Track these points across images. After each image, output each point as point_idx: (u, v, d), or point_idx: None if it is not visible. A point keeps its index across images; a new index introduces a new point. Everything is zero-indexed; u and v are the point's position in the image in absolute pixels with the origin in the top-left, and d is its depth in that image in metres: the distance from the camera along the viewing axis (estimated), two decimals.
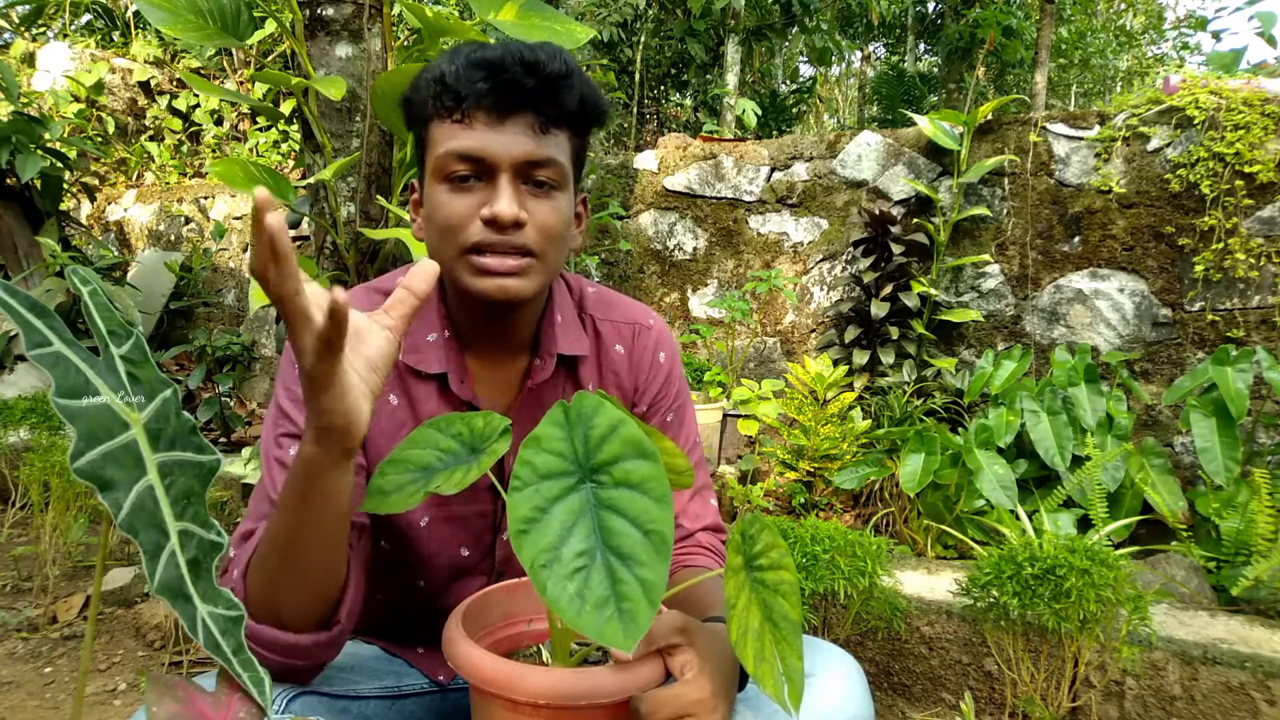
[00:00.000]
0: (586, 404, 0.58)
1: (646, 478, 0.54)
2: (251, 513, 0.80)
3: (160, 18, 1.58)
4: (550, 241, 0.80)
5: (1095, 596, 1.26)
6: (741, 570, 0.61)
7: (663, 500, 0.53)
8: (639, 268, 3.48)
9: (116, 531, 0.52)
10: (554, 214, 0.79)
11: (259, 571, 0.70)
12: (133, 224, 5.05)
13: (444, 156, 0.77)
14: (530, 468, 0.55)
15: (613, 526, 0.53)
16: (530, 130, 0.77)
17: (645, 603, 0.50)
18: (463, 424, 0.66)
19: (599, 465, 0.55)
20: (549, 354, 0.90)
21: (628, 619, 0.49)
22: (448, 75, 0.77)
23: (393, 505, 0.62)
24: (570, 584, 0.50)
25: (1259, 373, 2.13)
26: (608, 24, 5.41)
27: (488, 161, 0.76)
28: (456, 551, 0.91)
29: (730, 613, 0.58)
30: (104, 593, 2.07)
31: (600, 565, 0.51)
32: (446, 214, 0.78)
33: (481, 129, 0.76)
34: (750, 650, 0.57)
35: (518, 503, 0.53)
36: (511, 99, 0.76)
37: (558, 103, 0.78)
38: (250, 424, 3.41)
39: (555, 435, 0.57)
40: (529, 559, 0.51)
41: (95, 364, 0.56)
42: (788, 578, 0.63)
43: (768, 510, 2.31)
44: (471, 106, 0.76)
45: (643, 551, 0.51)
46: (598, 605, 0.49)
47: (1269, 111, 2.35)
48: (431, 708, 0.90)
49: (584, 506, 0.54)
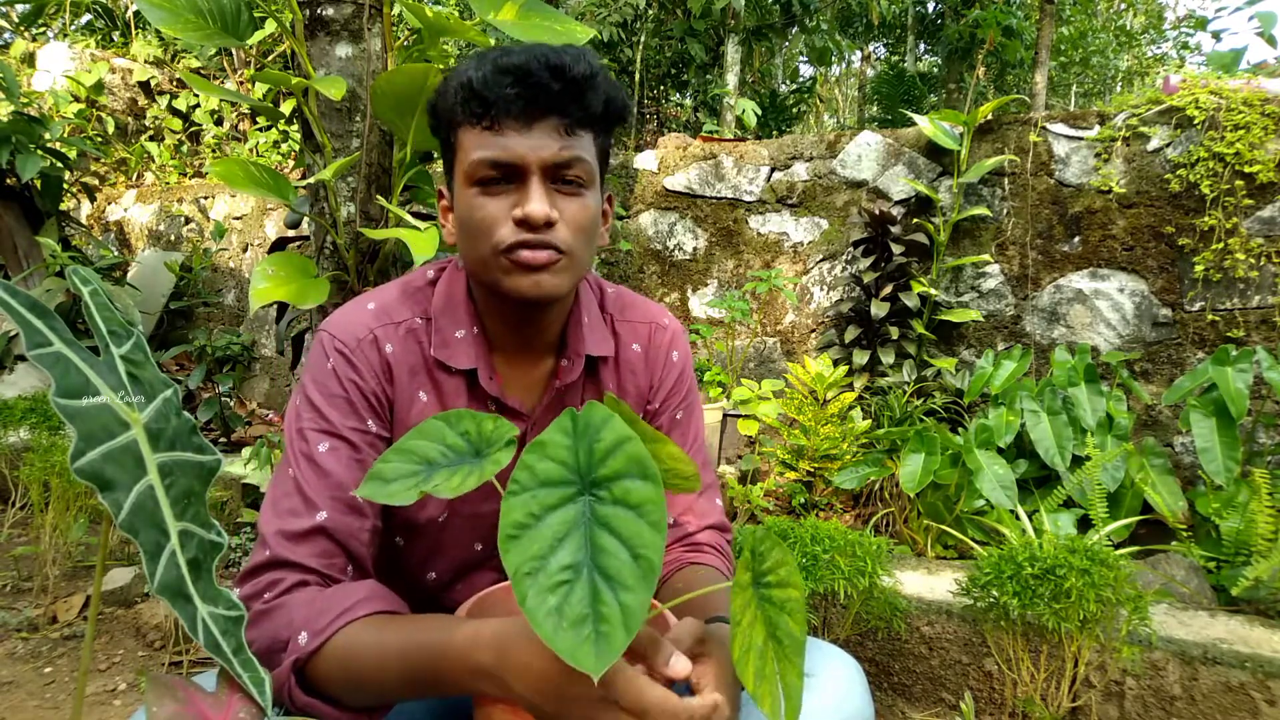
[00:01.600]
0: (596, 415, 0.57)
1: (645, 500, 0.53)
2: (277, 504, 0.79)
3: (160, 18, 1.58)
4: (580, 239, 0.81)
5: (1095, 596, 1.26)
6: (749, 587, 0.60)
7: (657, 525, 0.52)
8: (639, 268, 3.48)
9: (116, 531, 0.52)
10: (583, 211, 0.81)
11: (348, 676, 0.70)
12: (133, 224, 5.05)
13: (474, 163, 0.79)
14: (530, 473, 0.54)
15: (604, 545, 0.52)
16: (557, 132, 0.78)
17: (622, 628, 0.49)
18: (472, 422, 0.66)
19: (600, 480, 0.55)
20: (577, 354, 0.91)
21: (603, 642, 0.48)
22: (475, 81, 0.78)
23: (391, 495, 0.61)
24: (551, 597, 0.50)
25: (1259, 373, 2.13)
26: (608, 24, 5.41)
27: (517, 165, 0.78)
28: (470, 547, 0.92)
29: (734, 629, 0.57)
30: (104, 593, 2.07)
31: (585, 582, 0.51)
32: (479, 217, 0.79)
33: (510, 134, 0.78)
34: (751, 668, 0.57)
35: (512, 506, 0.53)
36: (538, 103, 0.77)
37: (584, 104, 0.79)
38: (250, 424, 3.41)
39: (560, 443, 0.56)
40: (514, 565, 0.50)
41: (95, 364, 0.56)
42: (794, 595, 0.62)
43: (767, 510, 2.31)
44: (500, 112, 0.77)
45: (630, 575, 0.50)
46: (575, 624, 0.49)
47: (1269, 111, 2.35)
48: (432, 707, 0.90)
49: (578, 519, 0.53)
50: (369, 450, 0.83)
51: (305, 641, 0.70)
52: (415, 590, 0.92)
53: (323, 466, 0.79)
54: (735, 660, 0.57)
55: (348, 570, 0.79)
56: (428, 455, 0.64)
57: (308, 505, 0.78)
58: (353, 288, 1.88)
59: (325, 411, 0.82)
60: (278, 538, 0.77)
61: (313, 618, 0.71)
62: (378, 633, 0.70)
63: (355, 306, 0.89)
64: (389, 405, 0.86)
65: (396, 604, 0.76)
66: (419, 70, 1.58)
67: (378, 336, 0.86)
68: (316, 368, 0.84)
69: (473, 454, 0.64)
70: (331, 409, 0.82)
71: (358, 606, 0.72)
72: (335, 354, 0.84)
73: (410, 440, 0.65)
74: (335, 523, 0.78)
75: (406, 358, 0.87)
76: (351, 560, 0.79)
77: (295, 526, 0.77)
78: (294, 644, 0.70)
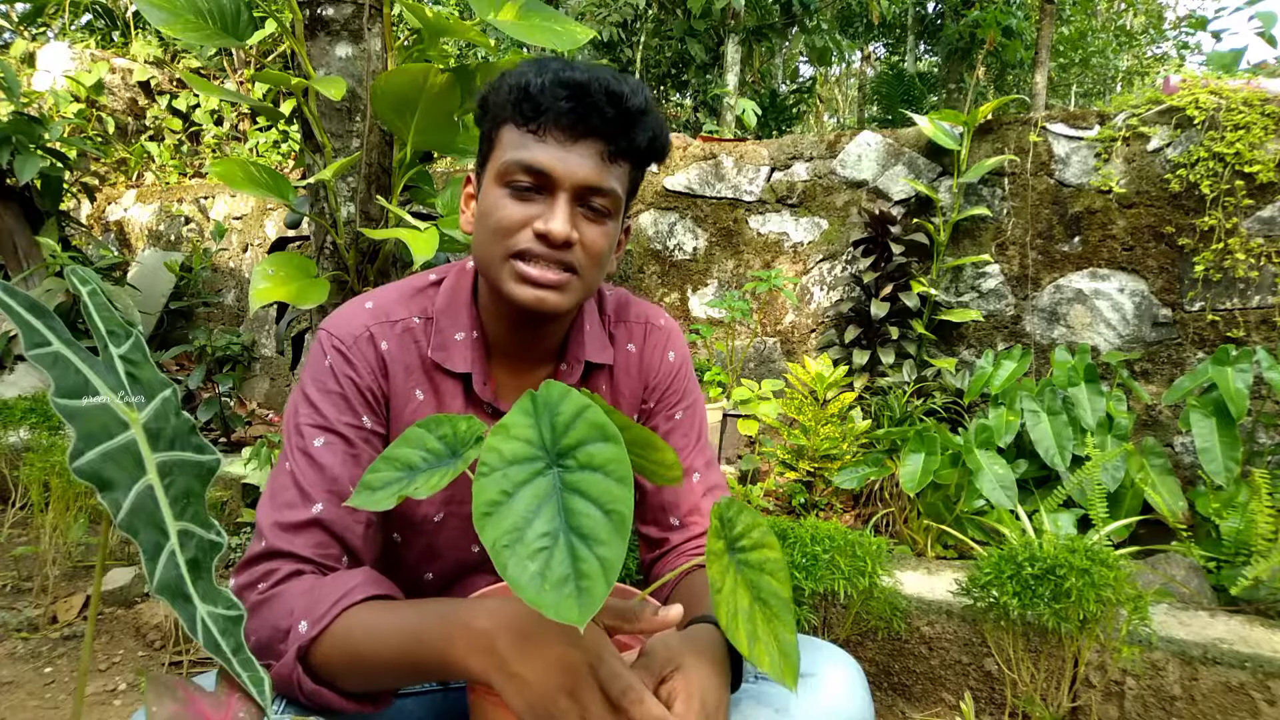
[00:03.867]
0: (553, 392, 0.59)
1: (609, 460, 0.55)
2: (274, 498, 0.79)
3: (160, 18, 1.58)
4: (593, 263, 0.82)
5: (1095, 596, 1.26)
6: (725, 554, 0.61)
7: (624, 481, 0.54)
8: (639, 268, 3.48)
9: (116, 531, 0.52)
10: (603, 238, 0.82)
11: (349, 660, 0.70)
12: (133, 224, 5.05)
13: (510, 163, 0.79)
14: (497, 454, 0.56)
15: (576, 508, 0.54)
16: (598, 157, 0.79)
17: (602, 580, 0.51)
18: (449, 426, 0.68)
19: (565, 449, 0.57)
20: (576, 360, 0.92)
21: (584, 595, 0.50)
22: (533, 86, 0.78)
23: (377, 503, 0.63)
24: (531, 564, 0.52)
25: (1259, 373, 2.13)
26: (608, 24, 5.41)
27: (552, 178, 0.79)
28: (467, 549, 0.92)
29: (717, 597, 0.58)
30: (104, 593, 2.07)
31: (563, 545, 0.53)
32: (500, 217, 0.80)
33: (553, 145, 0.78)
34: (743, 631, 0.58)
35: (483, 487, 0.54)
36: (588, 122, 0.78)
37: (630, 136, 0.80)
38: (250, 424, 3.41)
39: (523, 423, 0.58)
40: (491, 540, 0.52)
41: (94, 364, 0.56)
42: (772, 555, 0.64)
43: (767, 510, 2.31)
44: (549, 121, 0.78)
45: (603, 530, 0.53)
46: (557, 584, 0.51)
47: (1269, 111, 2.35)
48: (432, 707, 0.91)
49: (550, 490, 0.55)
50: (364, 446, 0.83)
51: (306, 629, 0.70)
52: (414, 591, 0.92)
53: (319, 461, 0.80)
54: (724, 626, 0.58)
55: (343, 561, 0.80)
56: (410, 461, 0.66)
57: (304, 498, 0.78)
58: (353, 288, 1.88)
59: (322, 407, 0.83)
60: (274, 529, 0.77)
61: (312, 605, 0.72)
62: (377, 615, 0.71)
63: (354, 305, 0.89)
64: (385, 401, 0.87)
65: (393, 589, 0.77)
66: (419, 70, 1.58)
67: (374, 334, 0.86)
68: (315, 365, 0.86)
69: (449, 454, 0.67)
70: (328, 405, 0.83)
71: (355, 591, 0.73)
72: (332, 351, 0.85)
73: (395, 449, 0.68)
74: (331, 515, 0.78)
75: (403, 356, 0.87)
76: (347, 552, 0.80)
77: (291, 518, 0.78)
78: (295, 632, 0.71)
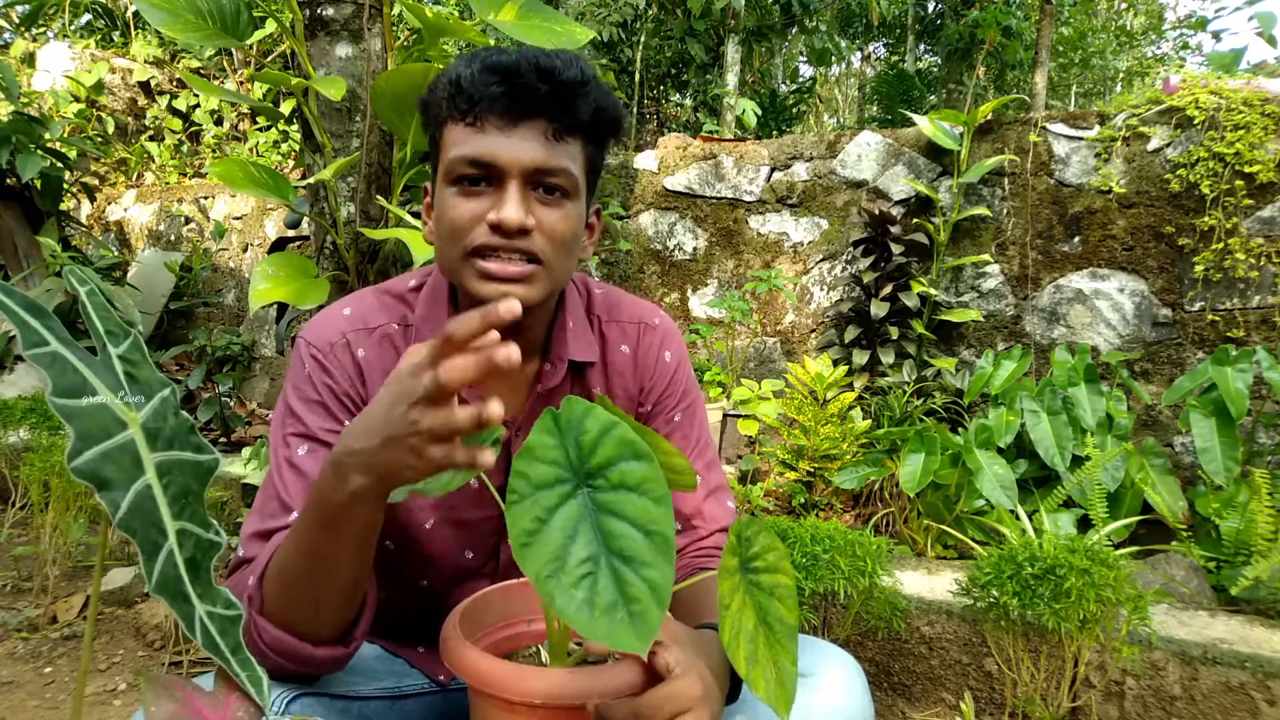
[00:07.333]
0: (575, 409, 0.57)
1: (644, 479, 0.53)
2: (259, 509, 0.80)
3: (160, 18, 1.58)
4: (557, 249, 0.79)
5: (1095, 596, 1.25)
6: (737, 572, 0.61)
7: (662, 500, 0.52)
8: (639, 268, 3.47)
9: (116, 531, 0.52)
10: (563, 222, 0.79)
11: (281, 580, 0.70)
12: (133, 224, 5.05)
13: (454, 160, 0.77)
14: (525, 479, 0.54)
15: (614, 530, 0.53)
16: (542, 137, 0.76)
17: (654, 603, 0.50)
18: None
19: (594, 469, 0.55)
20: (559, 359, 0.89)
21: (638, 621, 0.49)
22: (463, 78, 0.76)
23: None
24: (577, 592, 0.50)
25: (1259, 373, 2.13)
26: (608, 24, 5.41)
27: (497, 167, 0.76)
28: (461, 555, 0.91)
29: (724, 614, 0.58)
30: (104, 593, 2.07)
31: (606, 570, 0.51)
32: (453, 217, 0.78)
33: (493, 133, 0.76)
34: (743, 652, 0.57)
35: (517, 515, 0.53)
36: (524, 104, 0.76)
37: (572, 110, 0.77)
38: (250, 424, 3.41)
39: (548, 444, 0.56)
40: (534, 571, 0.51)
41: (92, 363, 0.56)
42: (785, 581, 0.62)
43: (767, 510, 2.30)
44: (484, 110, 0.76)
45: (646, 553, 0.51)
46: (606, 610, 0.50)
47: (1269, 111, 2.35)
48: (432, 708, 0.90)
49: (583, 512, 0.54)
50: None
51: (253, 583, 0.72)
52: (410, 598, 0.92)
53: (301, 469, 0.80)
54: (726, 644, 0.57)
55: None
56: None
57: (283, 508, 0.78)
58: (353, 288, 1.88)
59: (303, 416, 0.82)
60: (251, 539, 0.78)
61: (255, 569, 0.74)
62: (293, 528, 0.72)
63: (330, 312, 0.88)
64: (363, 406, 0.85)
65: None
66: (419, 70, 1.58)
67: (350, 340, 0.85)
68: (295, 374, 0.85)
69: None
70: (309, 413, 0.82)
71: (280, 536, 0.74)
72: (309, 359, 0.84)
73: None
74: None
75: (380, 363, 0.86)
76: None
77: (270, 526, 0.78)
78: (247, 596, 0.72)
